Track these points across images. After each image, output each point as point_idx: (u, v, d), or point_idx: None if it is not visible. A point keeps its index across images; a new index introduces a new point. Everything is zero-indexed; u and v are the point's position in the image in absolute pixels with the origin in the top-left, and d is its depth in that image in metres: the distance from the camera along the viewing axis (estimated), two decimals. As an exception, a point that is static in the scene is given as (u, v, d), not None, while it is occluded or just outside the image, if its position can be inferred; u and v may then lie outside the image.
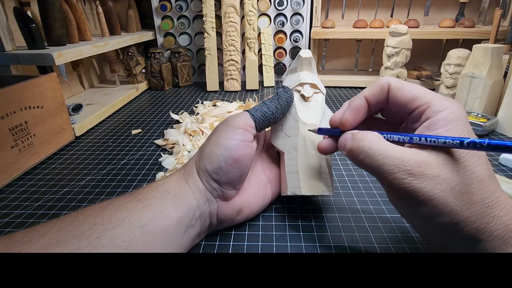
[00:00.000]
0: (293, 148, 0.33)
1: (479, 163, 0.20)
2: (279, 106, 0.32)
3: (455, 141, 0.20)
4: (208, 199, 0.29)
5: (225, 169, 0.28)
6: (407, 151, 0.21)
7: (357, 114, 0.26)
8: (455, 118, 0.21)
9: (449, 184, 0.20)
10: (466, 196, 0.20)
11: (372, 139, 0.23)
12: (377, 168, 0.22)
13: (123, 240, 0.23)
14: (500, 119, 0.55)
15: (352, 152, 0.24)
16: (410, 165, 0.20)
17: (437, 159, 0.21)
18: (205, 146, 0.30)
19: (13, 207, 0.37)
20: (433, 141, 0.21)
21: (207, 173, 0.29)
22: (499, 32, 0.73)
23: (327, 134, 0.29)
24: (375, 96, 0.25)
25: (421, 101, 0.23)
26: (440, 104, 0.22)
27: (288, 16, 0.91)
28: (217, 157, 0.28)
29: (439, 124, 0.21)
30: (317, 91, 0.36)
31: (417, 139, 0.22)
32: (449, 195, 0.20)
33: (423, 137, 0.21)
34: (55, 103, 0.50)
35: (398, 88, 0.24)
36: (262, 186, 0.34)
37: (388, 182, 0.21)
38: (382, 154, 0.22)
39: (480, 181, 0.20)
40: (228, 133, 0.29)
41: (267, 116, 0.31)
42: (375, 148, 0.22)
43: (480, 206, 0.20)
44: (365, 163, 0.23)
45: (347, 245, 0.30)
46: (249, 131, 0.30)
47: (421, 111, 0.23)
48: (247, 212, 0.32)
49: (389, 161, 0.21)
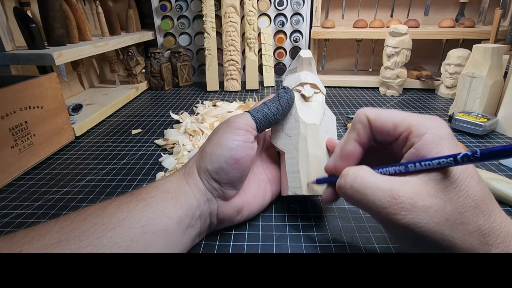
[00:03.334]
0: (294, 148, 0.33)
1: (471, 186, 0.20)
2: (280, 108, 0.32)
3: (449, 159, 0.19)
4: (208, 199, 0.29)
5: (225, 169, 0.29)
6: (396, 182, 0.21)
7: (350, 159, 0.25)
8: (441, 138, 0.21)
9: (443, 215, 0.19)
10: (462, 227, 0.19)
11: (359, 173, 0.22)
12: (367, 203, 0.21)
13: (123, 240, 0.23)
14: (500, 119, 0.55)
15: (340, 189, 0.23)
16: (400, 198, 0.20)
17: (427, 188, 0.20)
18: (206, 146, 0.30)
19: (13, 207, 0.37)
20: (428, 164, 0.20)
21: (208, 173, 0.29)
22: (499, 32, 0.73)
23: (325, 182, 0.29)
24: (362, 135, 0.25)
25: (401, 127, 0.22)
26: (421, 126, 0.21)
27: (288, 16, 0.91)
28: (218, 157, 0.28)
29: (427, 148, 0.21)
30: (317, 91, 0.36)
31: (412, 166, 0.21)
32: (445, 228, 0.19)
33: (417, 163, 0.21)
34: (55, 103, 0.50)
35: (376, 119, 0.24)
36: (262, 186, 0.34)
37: (381, 218, 0.21)
38: (370, 187, 0.21)
39: (474, 207, 0.19)
40: (230, 133, 0.29)
41: (268, 118, 0.31)
42: (362, 181, 0.22)
43: (477, 235, 0.19)
44: (355, 199, 0.22)
45: (347, 245, 0.30)
46: (250, 132, 0.30)
47: (405, 137, 0.22)
48: (247, 212, 0.32)
49: (378, 194, 0.21)
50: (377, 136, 0.24)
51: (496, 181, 0.36)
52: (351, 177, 0.23)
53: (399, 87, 0.79)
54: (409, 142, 0.22)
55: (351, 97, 0.79)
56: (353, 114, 0.66)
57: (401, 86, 0.80)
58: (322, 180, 0.30)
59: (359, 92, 0.83)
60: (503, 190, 0.35)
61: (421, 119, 0.22)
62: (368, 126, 0.24)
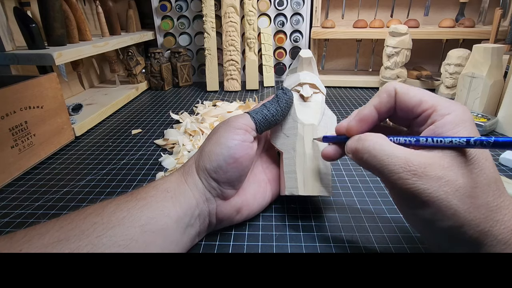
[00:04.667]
0: (292, 148, 0.33)
1: (485, 167, 0.20)
2: (279, 109, 0.32)
3: (462, 139, 0.20)
4: (207, 198, 0.29)
5: (224, 168, 0.29)
6: (412, 153, 0.21)
7: (364, 123, 0.26)
8: (461, 121, 0.21)
9: (453, 186, 0.20)
10: (470, 200, 0.20)
11: (378, 140, 0.23)
12: (381, 168, 0.22)
13: (123, 239, 0.23)
14: (500, 119, 0.55)
15: (357, 152, 0.24)
16: (414, 166, 0.20)
17: (442, 161, 0.21)
18: (205, 145, 0.30)
19: (13, 207, 0.37)
20: (440, 141, 0.21)
21: (207, 172, 0.29)
22: (499, 32, 0.73)
23: (332, 141, 0.29)
24: (384, 104, 0.25)
25: (427, 104, 0.23)
26: (446, 108, 0.22)
27: (288, 16, 0.91)
28: (217, 156, 0.29)
29: (446, 127, 0.21)
30: (316, 91, 0.36)
31: (423, 140, 0.22)
32: (452, 198, 0.20)
33: (429, 138, 0.21)
34: (55, 103, 0.50)
35: (404, 93, 0.24)
36: (262, 186, 0.34)
37: (391, 183, 0.21)
38: (387, 154, 0.22)
39: (486, 184, 0.20)
40: (229, 133, 0.29)
41: (267, 119, 0.32)
42: (380, 148, 0.22)
43: (484, 209, 0.20)
44: (370, 163, 0.23)
45: (347, 245, 0.30)
46: (250, 132, 0.30)
47: (427, 115, 0.23)
48: (246, 211, 0.32)
49: (394, 161, 0.21)
50: (399, 109, 0.25)
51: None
52: (369, 142, 0.23)
53: (399, 87, 0.79)
54: (430, 120, 0.23)
55: (351, 97, 0.79)
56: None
57: (401, 86, 0.79)
58: (330, 138, 0.30)
59: (359, 92, 0.83)
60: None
61: (446, 101, 0.23)
62: (394, 97, 0.25)
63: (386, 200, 0.37)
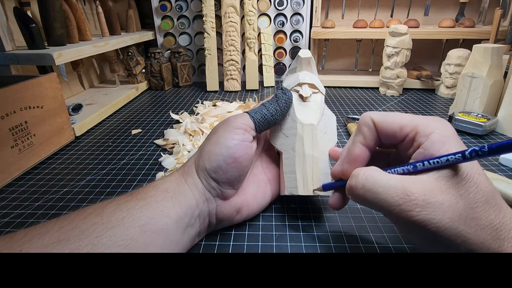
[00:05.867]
0: (291, 148, 0.33)
1: (480, 182, 0.20)
2: (279, 108, 0.32)
3: (457, 155, 0.20)
4: (207, 198, 0.29)
5: (224, 168, 0.29)
6: (408, 179, 0.21)
7: (357, 164, 0.25)
8: (446, 137, 0.21)
9: (456, 211, 0.19)
10: (475, 222, 0.19)
11: (370, 172, 0.23)
12: (379, 202, 0.21)
13: (123, 239, 0.23)
14: (500, 119, 0.55)
15: (352, 190, 0.23)
16: (414, 195, 0.20)
17: (439, 185, 0.20)
18: (204, 145, 0.30)
19: (13, 207, 0.37)
20: (436, 162, 0.20)
21: (206, 172, 0.29)
22: (499, 32, 0.73)
23: (332, 188, 0.29)
24: (368, 138, 0.25)
25: (408, 128, 0.23)
26: (427, 126, 0.22)
27: (288, 16, 0.91)
28: (217, 156, 0.29)
29: (435, 147, 0.21)
30: (316, 91, 0.36)
31: (420, 165, 0.21)
32: (458, 224, 0.19)
33: (426, 161, 0.21)
34: (55, 103, 0.50)
35: (382, 122, 0.24)
36: (262, 186, 0.34)
37: (395, 216, 0.21)
38: (382, 185, 0.21)
39: (485, 202, 0.20)
40: (228, 132, 0.29)
41: (266, 118, 0.32)
42: (373, 180, 0.22)
43: (490, 230, 0.19)
44: (367, 199, 0.22)
45: (347, 245, 0.30)
46: (249, 131, 0.30)
47: (411, 138, 0.23)
48: (246, 211, 0.32)
49: (391, 192, 0.21)
50: (383, 138, 0.25)
51: (496, 181, 0.36)
52: (362, 176, 0.23)
53: (399, 87, 0.79)
54: (416, 143, 0.22)
55: (351, 97, 0.79)
56: (353, 114, 0.66)
57: (401, 86, 0.80)
58: (329, 186, 0.30)
59: (359, 92, 0.83)
60: (503, 190, 0.35)
61: (426, 119, 0.22)
62: (374, 128, 0.24)
63: (386, 200, 0.37)
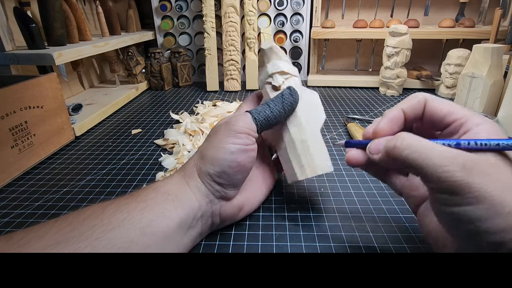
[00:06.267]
0: (281, 139, 0.34)
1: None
2: (283, 111, 0.32)
3: (510, 141, 0.19)
4: (211, 200, 0.29)
5: (228, 173, 0.29)
6: (454, 149, 0.20)
7: (394, 124, 0.25)
8: (495, 131, 0.21)
9: (504, 183, 0.19)
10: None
11: (417, 137, 0.22)
12: (425, 161, 0.20)
13: (123, 241, 0.23)
14: (500, 119, 0.55)
15: (395, 149, 0.22)
16: (462, 159, 0.19)
17: (487, 160, 0.20)
18: (206, 148, 0.30)
19: (13, 207, 0.37)
20: (485, 144, 0.20)
21: (210, 176, 0.29)
22: (499, 32, 0.73)
23: (356, 146, 0.27)
24: (412, 109, 0.25)
25: (458, 114, 0.23)
26: (478, 118, 0.22)
27: (288, 16, 0.91)
28: (220, 162, 0.28)
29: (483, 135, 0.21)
30: (287, 76, 0.35)
31: (465, 143, 0.20)
32: (505, 195, 0.18)
33: (472, 141, 0.20)
34: (55, 103, 0.50)
35: (434, 102, 0.24)
36: (259, 180, 0.35)
37: (437, 177, 0.20)
38: (430, 148, 0.21)
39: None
40: (231, 137, 0.29)
41: (269, 120, 0.31)
42: (421, 144, 0.21)
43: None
44: (411, 159, 0.21)
45: (347, 245, 0.30)
46: (252, 134, 0.30)
47: (459, 124, 0.23)
48: (248, 208, 0.33)
49: (439, 154, 0.20)
50: (427, 118, 0.24)
51: None
52: (409, 139, 0.22)
53: (399, 87, 0.79)
54: (463, 129, 0.22)
55: (351, 97, 0.79)
56: (353, 114, 0.66)
57: (401, 86, 0.80)
58: (352, 143, 0.27)
59: (359, 92, 0.83)
60: None
61: (475, 113, 0.22)
62: (423, 104, 0.24)
63: (386, 200, 0.37)
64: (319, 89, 0.87)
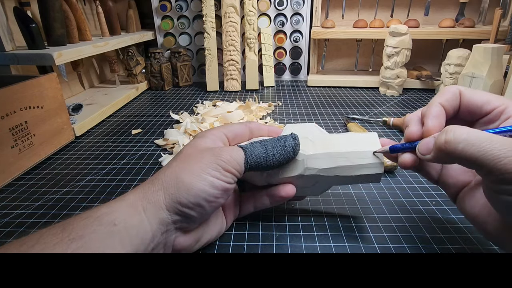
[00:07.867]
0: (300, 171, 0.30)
1: None
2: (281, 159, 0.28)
3: None
4: (168, 230, 0.25)
5: (203, 205, 0.25)
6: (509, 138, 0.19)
7: (441, 119, 0.24)
8: None
9: None
10: None
11: (467, 128, 0.21)
12: (483, 154, 0.19)
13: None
14: (500, 119, 0.55)
15: (448, 144, 0.21)
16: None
17: None
18: (183, 171, 0.26)
19: (13, 207, 0.37)
20: None
21: (180, 205, 0.25)
22: (499, 32, 0.73)
23: (401, 151, 0.26)
24: (449, 102, 0.24)
25: (496, 102, 0.23)
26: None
27: (288, 16, 0.91)
28: (198, 192, 0.25)
29: None
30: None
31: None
32: None
33: None
34: (55, 103, 0.50)
35: (470, 92, 0.24)
36: (224, 211, 0.32)
37: (498, 169, 0.19)
38: (486, 139, 0.19)
39: None
40: (215, 171, 0.26)
41: (260, 165, 0.28)
42: (476, 135, 0.20)
43: None
44: (467, 152, 0.20)
45: (347, 245, 0.30)
46: (236, 176, 0.27)
47: (500, 111, 0.22)
48: (205, 239, 0.29)
49: (497, 145, 0.19)
50: (464, 109, 0.24)
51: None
52: (462, 132, 0.21)
53: (399, 87, 0.79)
54: (505, 115, 0.22)
55: (351, 97, 0.79)
56: (353, 114, 0.66)
57: (401, 86, 0.80)
58: (398, 148, 0.27)
59: (359, 92, 0.83)
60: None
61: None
62: (458, 96, 0.24)
63: (386, 200, 0.37)
64: (319, 89, 0.87)
